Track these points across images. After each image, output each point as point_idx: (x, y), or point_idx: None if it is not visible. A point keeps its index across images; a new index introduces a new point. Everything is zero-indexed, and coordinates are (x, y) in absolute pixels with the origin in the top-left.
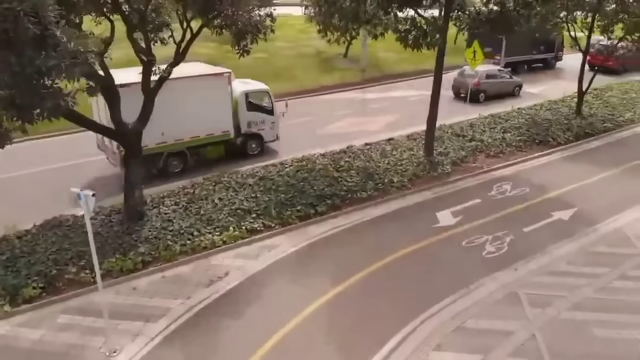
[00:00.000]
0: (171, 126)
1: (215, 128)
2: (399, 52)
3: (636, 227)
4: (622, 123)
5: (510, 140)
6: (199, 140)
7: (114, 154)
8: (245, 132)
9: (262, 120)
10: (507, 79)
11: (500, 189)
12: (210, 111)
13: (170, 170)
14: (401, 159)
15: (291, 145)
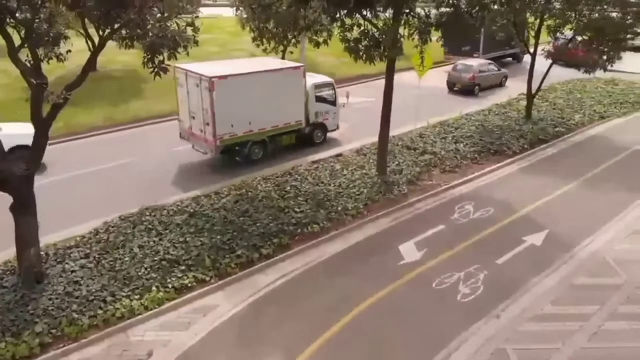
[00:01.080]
0: (256, 116)
1: (291, 118)
2: (340, 56)
3: (613, 249)
4: (573, 126)
5: (464, 152)
6: (278, 130)
7: (206, 142)
8: (313, 122)
9: (326, 111)
10: (496, 72)
11: (462, 211)
12: (288, 102)
13: (253, 157)
14: (353, 180)
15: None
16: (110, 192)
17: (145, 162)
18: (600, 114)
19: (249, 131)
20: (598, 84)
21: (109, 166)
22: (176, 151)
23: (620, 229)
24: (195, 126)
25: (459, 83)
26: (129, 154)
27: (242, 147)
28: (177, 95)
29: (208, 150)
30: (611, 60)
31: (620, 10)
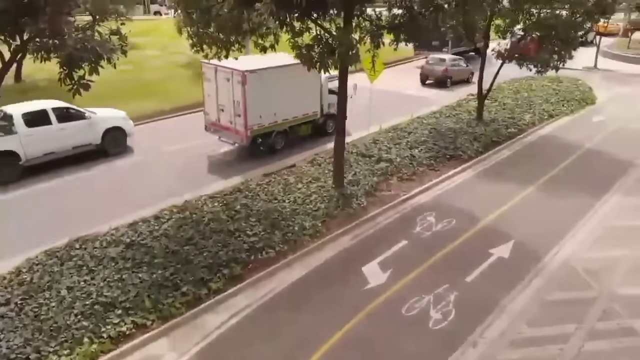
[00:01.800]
0: (281, 108)
1: (309, 109)
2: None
3: (582, 258)
4: (524, 127)
5: (420, 158)
6: (297, 120)
7: (237, 133)
8: (325, 113)
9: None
10: (464, 67)
11: (424, 223)
12: (307, 95)
13: (277, 147)
14: (309, 194)
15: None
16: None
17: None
18: (549, 112)
19: (274, 122)
20: (543, 82)
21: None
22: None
23: (585, 235)
24: (223, 118)
25: (432, 76)
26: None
27: (267, 137)
28: (204, 90)
29: (238, 141)
30: (563, 59)
31: (570, 8)
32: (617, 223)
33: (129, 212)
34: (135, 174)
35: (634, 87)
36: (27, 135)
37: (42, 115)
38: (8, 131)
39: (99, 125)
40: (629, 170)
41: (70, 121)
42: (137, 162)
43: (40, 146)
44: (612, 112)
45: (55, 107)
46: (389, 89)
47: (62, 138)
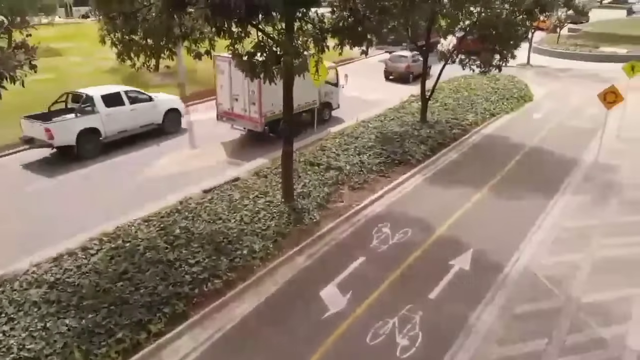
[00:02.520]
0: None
1: (310, 98)
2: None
3: (542, 264)
4: (468, 127)
5: (369, 165)
6: (301, 108)
7: (251, 120)
8: (322, 101)
9: (331, 92)
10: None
11: (381, 236)
12: (309, 85)
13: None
14: (257, 211)
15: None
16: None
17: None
18: (491, 111)
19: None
20: (481, 81)
21: None
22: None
23: (541, 238)
24: (237, 107)
25: (395, 72)
26: None
27: (276, 124)
28: (217, 82)
29: (252, 127)
30: (505, 59)
31: (510, 6)
32: (570, 224)
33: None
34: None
35: (566, 83)
36: (106, 115)
37: (116, 96)
38: (91, 111)
39: (161, 107)
40: (574, 168)
41: (138, 103)
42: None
43: (116, 125)
44: (549, 108)
45: (126, 90)
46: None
47: (133, 118)
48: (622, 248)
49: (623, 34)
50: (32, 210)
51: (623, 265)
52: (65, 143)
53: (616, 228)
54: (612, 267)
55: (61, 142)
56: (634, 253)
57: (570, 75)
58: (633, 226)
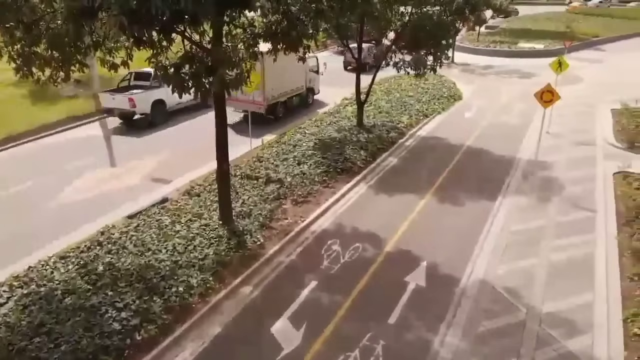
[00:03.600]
0: (284, 83)
1: (299, 85)
2: (142, 65)
3: (498, 274)
4: (404, 130)
5: (311, 175)
6: (292, 93)
7: (254, 103)
8: (307, 87)
9: (314, 78)
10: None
11: (331, 255)
12: (298, 73)
13: (279, 115)
14: (192, 238)
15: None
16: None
17: None
18: (424, 112)
19: (279, 94)
20: (411, 80)
21: None
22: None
23: (492, 245)
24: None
25: (353, 63)
26: None
27: (273, 107)
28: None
29: (256, 109)
30: (439, 60)
31: (440, 7)
32: (518, 227)
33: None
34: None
35: (490, 80)
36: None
37: None
38: (158, 85)
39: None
40: (512, 167)
41: None
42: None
43: (175, 97)
44: (479, 106)
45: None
46: None
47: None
48: (572, 249)
49: (536, 29)
50: None
51: (576, 268)
52: (143, 111)
53: (563, 228)
54: (567, 272)
55: (141, 110)
56: (584, 254)
57: (493, 72)
58: (578, 224)
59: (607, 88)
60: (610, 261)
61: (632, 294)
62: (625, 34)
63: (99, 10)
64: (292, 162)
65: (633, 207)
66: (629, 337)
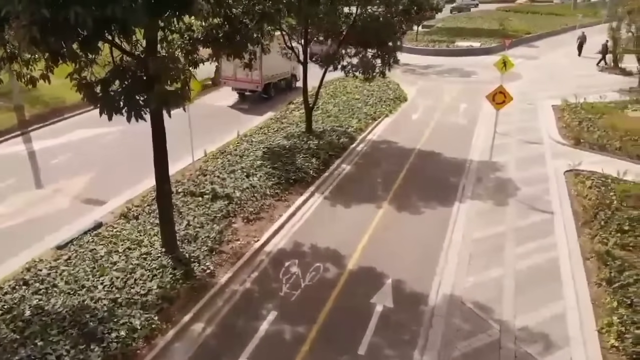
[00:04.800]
0: (275, 67)
1: (286, 71)
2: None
3: (466, 288)
4: (354, 134)
5: (262, 188)
6: (281, 76)
7: (252, 82)
8: (292, 73)
9: (297, 66)
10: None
11: (290, 279)
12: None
13: (271, 95)
14: (131, 271)
15: None
16: None
17: None
18: (372, 115)
19: (271, 76)
20: (356, 83)
21: None
22: None
23: (456, 256)
24: (240, 73)
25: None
26: None
27: (267, 87)
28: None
29: (253, 88)
30: (388, 63)
31: (386, 7)
32: (479, 234)
33: None
34: None
35: (432, 79)
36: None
37: None
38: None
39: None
40: (465, 169)
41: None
42: None
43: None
44: (425, 107)
45: None
46: (204, 102)
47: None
48: (536, 255)
49: (471, 27)
50: None
51: (543, 276)
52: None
53: (523, 233)
54: (534, 280)
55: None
56: (548, 259)
57: (434, 71)
58: (538, 228)
59: (545, 84)
60: (575, 266)
61: (602, 302)
62: (554, 30)
63: (5, 21)
64: (240, 175)
65: (589, 207)
66: (606, 350)
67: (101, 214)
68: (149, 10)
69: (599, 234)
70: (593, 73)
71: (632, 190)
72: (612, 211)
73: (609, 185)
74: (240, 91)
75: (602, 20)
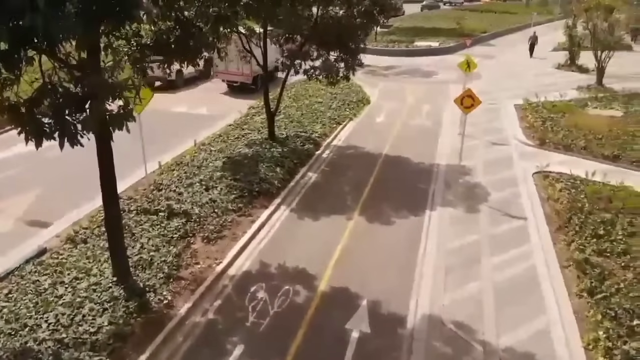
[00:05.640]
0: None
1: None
2: None
3: (444, 307)
4: (318, 140)
5: (223, 202)
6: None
7: (243, 75)
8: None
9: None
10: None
11: (257, 306)
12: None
13: (259, 85)
14: (79, 305)
15: None
16: None
17: None
18: (336, 120)
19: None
20: (318, 85)
21: None
22: None
23: (432, 269)
24: (231, 67)
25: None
26: None
27: (256, 78)
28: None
29: (244, 80)
30: (352, 67)
31: (348, 9)
32: (453, 244)
33: None
34: None
35: (394, 80)
36: None
37: None
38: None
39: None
40: (432, 175)
41: None
42: None
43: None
44: (388, 109)
45: None
46: (157, 108)
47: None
48: (513, 266)
49: (429, 26)
50: None
51: (522, 288)
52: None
53: (498, 241)
54: (513, 293)
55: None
56: (526, 269)
57: (395, 72)
58: (512, 235)
59: (505, 83)
60: (553, 276)
61: (584, 315)
62: (509, 28)
63: None
64: (198, 188)
65: (562, 211)
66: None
67: (46, 238)
68: (84, 19)
69: (575, 240)
70: (551, 71)
71: (602, 192)
72: (585, 215)
73: (578, 187)
74: (230, 82)
75: (554, 18)
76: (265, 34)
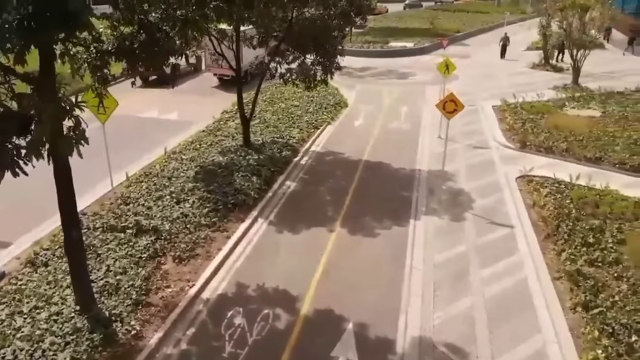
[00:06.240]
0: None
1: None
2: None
3: (435, 327)
4: (296, 145)
5: (196, 216)
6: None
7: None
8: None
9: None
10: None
11: (234, 334)
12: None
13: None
14: (39, 339)
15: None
16: None
17: None
18: (314, 124)
19: (248, 65)
20: (294, 89)
21: None
22: None
23: (419, 285)
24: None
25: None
26: None
27: (245, 73)
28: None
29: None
30: (330, 70)
31: (323, 10)
32: (440, 257)
33: None
34: None
35: (370, 82)
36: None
37: None
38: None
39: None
40: (414, 181)
41: None
42: None
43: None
44: (366, 112)
45: None
46: (125, 114)
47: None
48: (503, 279)
49: (403, 27)
50: None
51: (514, 303)
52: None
53: (486, 252)
54: (506, 310)
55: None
56: (516, 282)
57: (371, 73)
58: (500, 245)
59: (482, 84)
60: (545, 289)
61: (581, 332)
62: (482, 28)
63: None
64: (169, 202)
65: (549, 218)
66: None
67: (5, 261)
68: (22, 29)
69: (565, 249)
70: (526, 71)
71: (588, 196)
72: (573, 222)
73: (564, 192)
74: (221, 76)
75: (527, 17)
76: (237, 37)
